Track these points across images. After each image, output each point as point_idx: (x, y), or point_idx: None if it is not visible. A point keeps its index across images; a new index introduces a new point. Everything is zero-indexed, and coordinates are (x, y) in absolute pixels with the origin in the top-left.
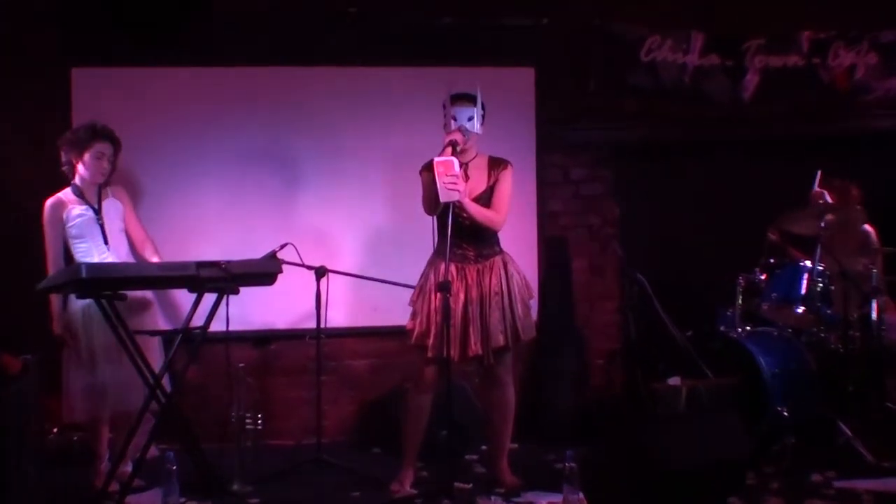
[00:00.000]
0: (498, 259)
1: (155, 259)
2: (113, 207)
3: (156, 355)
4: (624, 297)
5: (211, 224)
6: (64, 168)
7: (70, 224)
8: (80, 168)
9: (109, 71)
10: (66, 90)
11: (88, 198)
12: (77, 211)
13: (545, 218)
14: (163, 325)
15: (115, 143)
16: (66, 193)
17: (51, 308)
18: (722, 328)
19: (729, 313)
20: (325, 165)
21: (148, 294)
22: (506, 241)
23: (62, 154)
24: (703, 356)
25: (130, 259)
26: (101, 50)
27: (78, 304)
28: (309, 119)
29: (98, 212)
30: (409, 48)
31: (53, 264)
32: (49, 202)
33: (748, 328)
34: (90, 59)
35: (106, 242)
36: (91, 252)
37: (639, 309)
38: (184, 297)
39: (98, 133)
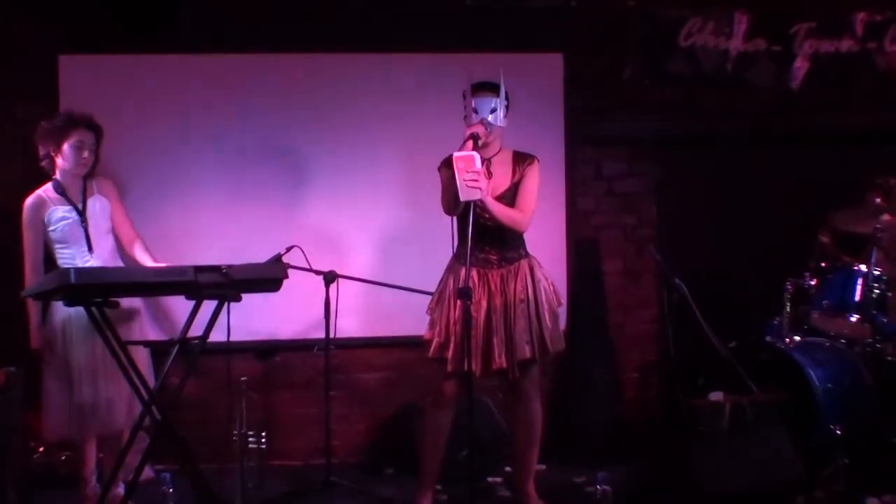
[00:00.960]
0: (523, 263)
1: (146, 260)
2: (99, 205)
3: (144, 368)
4: (661, 305)
5: (210, 225)
6: (43, 163)
7: (52, 227)
8: (60, 161)
9: (99, 58)
10: (53, 79)
11: (72, 196)
12: (60, 213)
13: (575, 218)
14: (151, 334)
15: (97, 131)
16: (47, 191)
17: (29, 319)
18: (768, 339)
19: (776, 322)
20: (334, 161)
21: (134, 301)
22: (532, 243)
23: (39, 147)
24: (747, 369)
25: (116, 262)
26: (90, 36)
27: (59, 315)
28: (316, 111)
29: (82, 213)
30: (427, 33)
31: (33, 270)
32: (29, 202)
33: (797, 338)
34: (78, 46)
35: (90, 249)
36: (74, 258)
37: (678, 317)
38: (178, 305)
39: (76, 121)
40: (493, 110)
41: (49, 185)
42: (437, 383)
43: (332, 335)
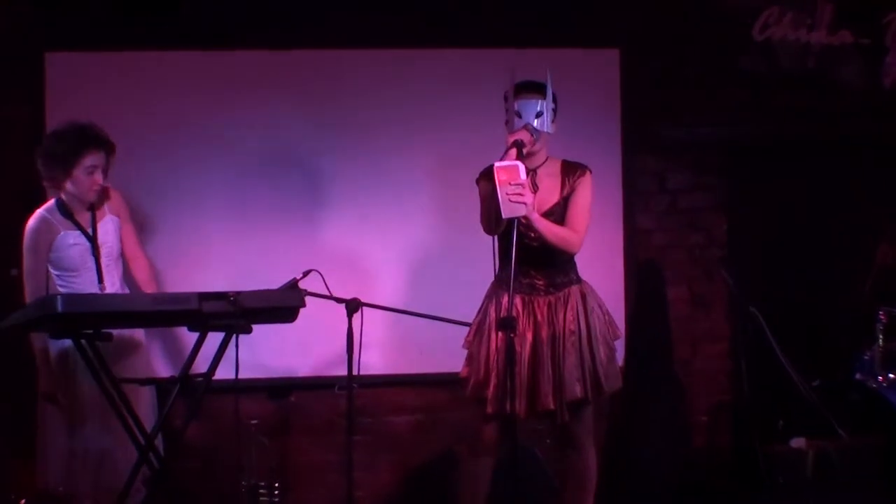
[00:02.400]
0: (575, 289)
1: (147, 286)
2: (111, 227)
3: (147, 409)
4: (734, 337)
5: (216, 246)
6: (46, 183)
7: (61, 254)
8: (69, 185)
9: (91, 56)
10: (40, 79)
11: (80, 219)
12: (70, 239)
13: (634, 237)
14: (157, 370)
15: (109, 149)
16: (51, 211)
17: (33, 354)
18: (858, 376)
19: (867, 357)
20: (358, 173)
21: (137, 332)
22: (584, 266)
23: (42, 170)
24: (834, 411)
25: (125, 290)
26: (80, 30)
27: (60, 345)
28: (338, 115)
29: (94, 239)
30: (463, 25)
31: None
32: (33, 225)
33: (891, 376)
34: (67, 42)
35: (101, 280)
36: (84, 290)
37: (753, 351)
38: (190, 337)
39: (87, 141)
40: (540, 114)
41: (52, 205)
42: (475, 427)
43: (355, 372)
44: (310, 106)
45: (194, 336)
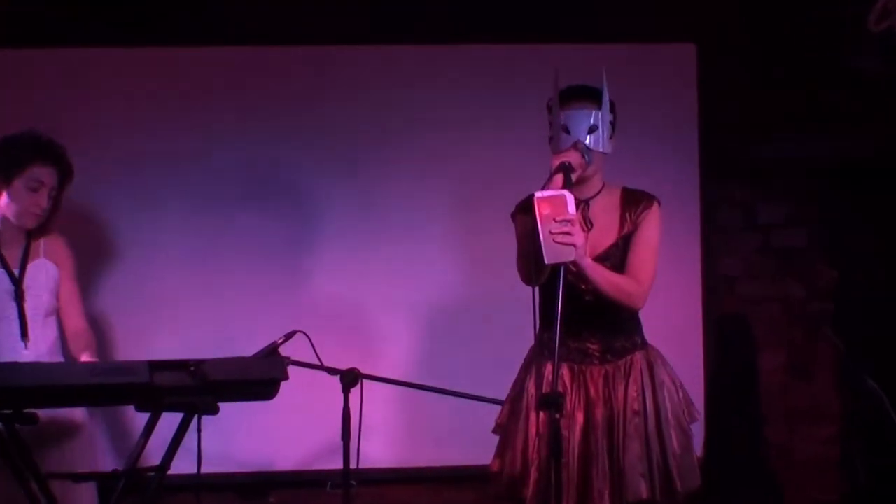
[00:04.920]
0: (638, 357)
1: (85, 356)
2: (43, 273)
3: None
4: (846, 417)
5: (175, 301)
6: None
7: None
8: (4, 198)
9: (36, 53)
10: None
11: (7, 254)
12: None
13: (716, 287)
14: (102, 462)
15: (65, 170)
16: None
17: None
18: None
19: None
20: (358, 206)
21: (76, 413)
22: (651, 326)
23: None
24: None
25: (57, 356)
26: (25, 23)
27: None
28: (331, 130)
29: (19, 281)
30: (495, 15)
31: None
32: None
33: None
34: (9, 37)
35: (24, 335)
36: (3, 346)
37: (870, 435)
38: (131, 419)
39: (40, 151)
40: (593, 129)
41: None
42: None
43: (353, 465)
44: (295, 118)
45: (143, 418)
